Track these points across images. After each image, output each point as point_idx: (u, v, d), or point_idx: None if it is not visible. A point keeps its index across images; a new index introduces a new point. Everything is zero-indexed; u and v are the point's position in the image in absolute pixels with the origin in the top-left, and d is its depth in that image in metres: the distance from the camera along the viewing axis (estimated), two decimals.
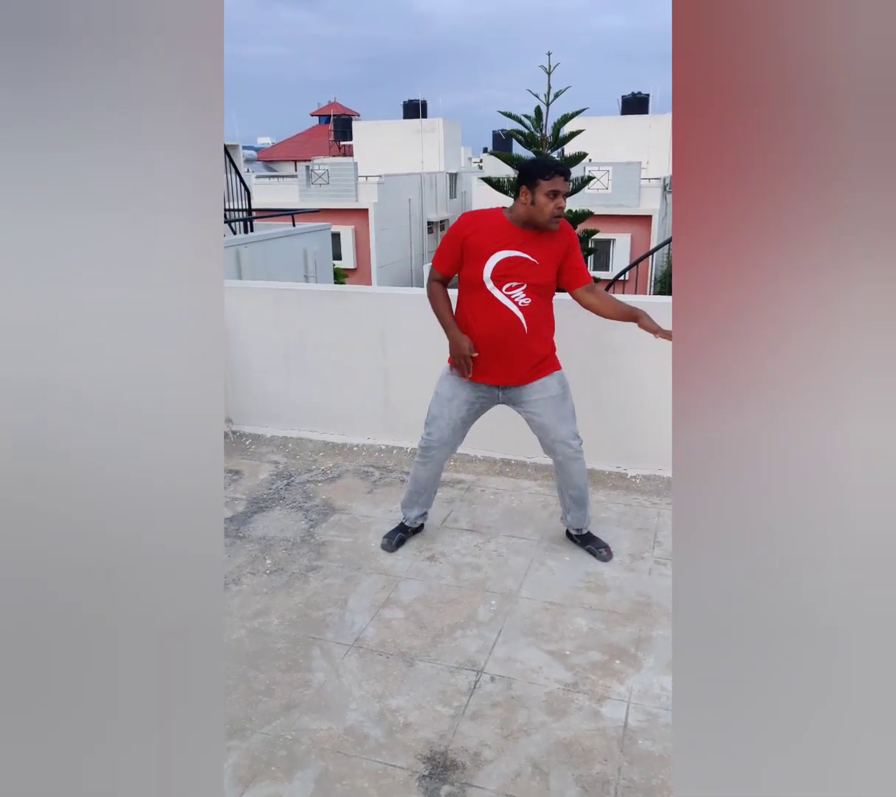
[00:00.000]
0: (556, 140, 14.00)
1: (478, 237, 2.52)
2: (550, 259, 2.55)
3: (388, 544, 2.92)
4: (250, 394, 4.12)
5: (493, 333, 2.56)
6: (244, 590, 2.66)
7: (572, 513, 2.87)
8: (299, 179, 20.77)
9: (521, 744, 1.94)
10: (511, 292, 2.52)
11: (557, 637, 2.37)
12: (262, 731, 1.99)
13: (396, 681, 2.18)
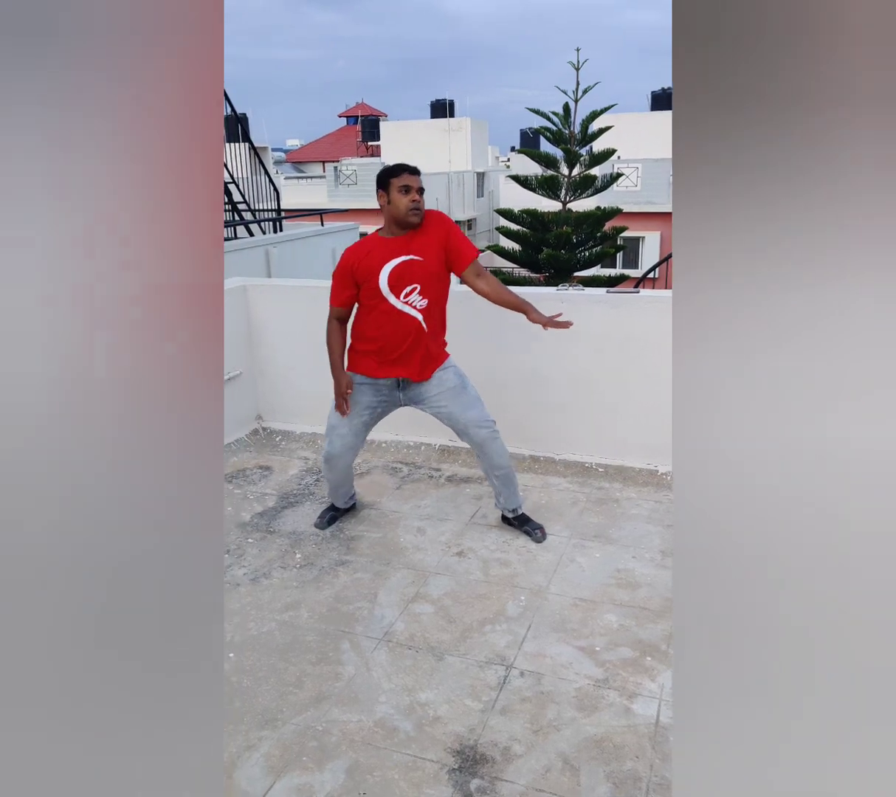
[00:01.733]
0: (585, 137, 13.91)
1: (364, 262, 2.67)
2: (433, 250, 2.65)
3: (320, 523, 3.10)
4: (280, 390, 4.16)
5: (397, 340, 2.70)
6: (274, 584, 2.68)
7: (503, 495, 2.95)
8: (327, 180, 20.94)
9: (551, 740, 1.93)
10: (408, 298, 2.66)
11: (587, 633, 2.35)
12: (294, 722, 2.01)
13: (426, 675, 2.18)
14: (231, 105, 7.95)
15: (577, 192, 14.18)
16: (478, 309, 3.60)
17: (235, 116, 8.53)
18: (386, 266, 2.64)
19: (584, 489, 3.37)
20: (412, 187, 2.58)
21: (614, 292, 3.49)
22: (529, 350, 3.56)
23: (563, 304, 3.48)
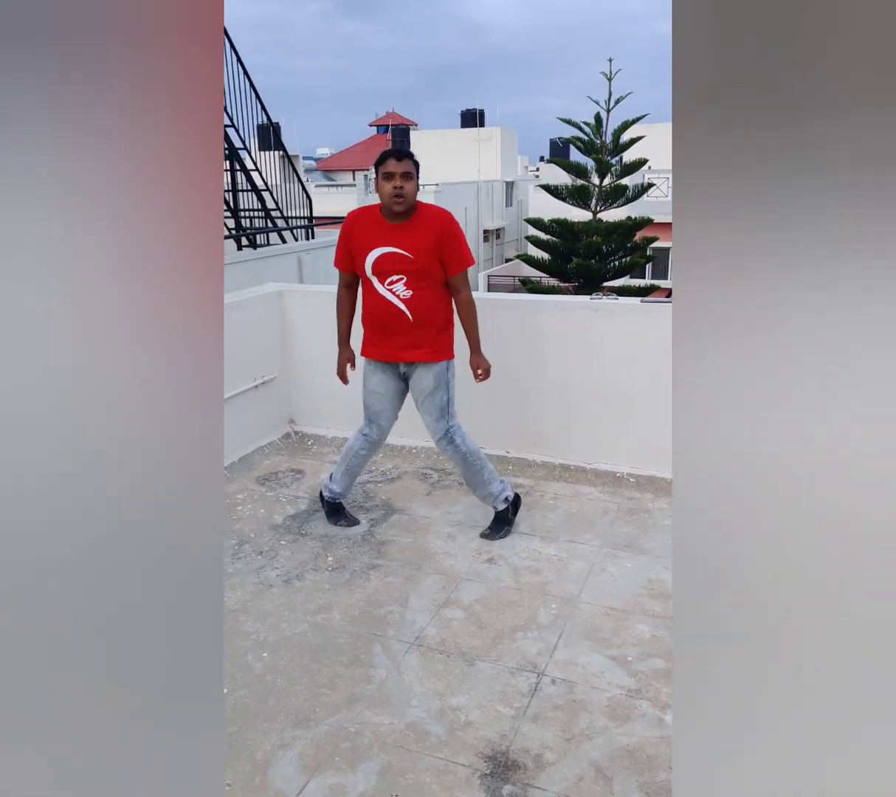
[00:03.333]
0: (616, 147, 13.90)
1: (358, 234, 2.73)
2: (426, 251, 2.67)
3: (353, 521, 3.17)
4: (312, 395, 4.20)
5: (381, 322, 2.79)
6: (307, 586, 2.71)
7: (475, 494, 3.07)
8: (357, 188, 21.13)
9: (583, 748, 1.92)
10: (392, 286, 2.71)
11: (619, 643, 2.34)
12: (327, 723, 2.03)
13: (457, 680, 2.19)
14: (266, 113, 8.08)
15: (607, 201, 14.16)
16: (508, 317, 3.62)
17: (270, 125, 8.67)
18: (373, 252, 2.69)
19: (615, 499, 3.36)
20: (394, 174, 2.57)
21: (648, 301, 3.48)
22: (562, 358, 3.57)
23: (596, 312, 3.50)
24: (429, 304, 2.76)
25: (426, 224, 2.68)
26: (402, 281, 2.70)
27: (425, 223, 2.69)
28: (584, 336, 3.51)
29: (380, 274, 2.71)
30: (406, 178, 2.58)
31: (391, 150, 2.65)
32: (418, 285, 2.71)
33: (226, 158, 7.35)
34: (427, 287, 2.73)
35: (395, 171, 2.58)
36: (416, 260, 2.67)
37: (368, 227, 2.72)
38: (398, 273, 2.70)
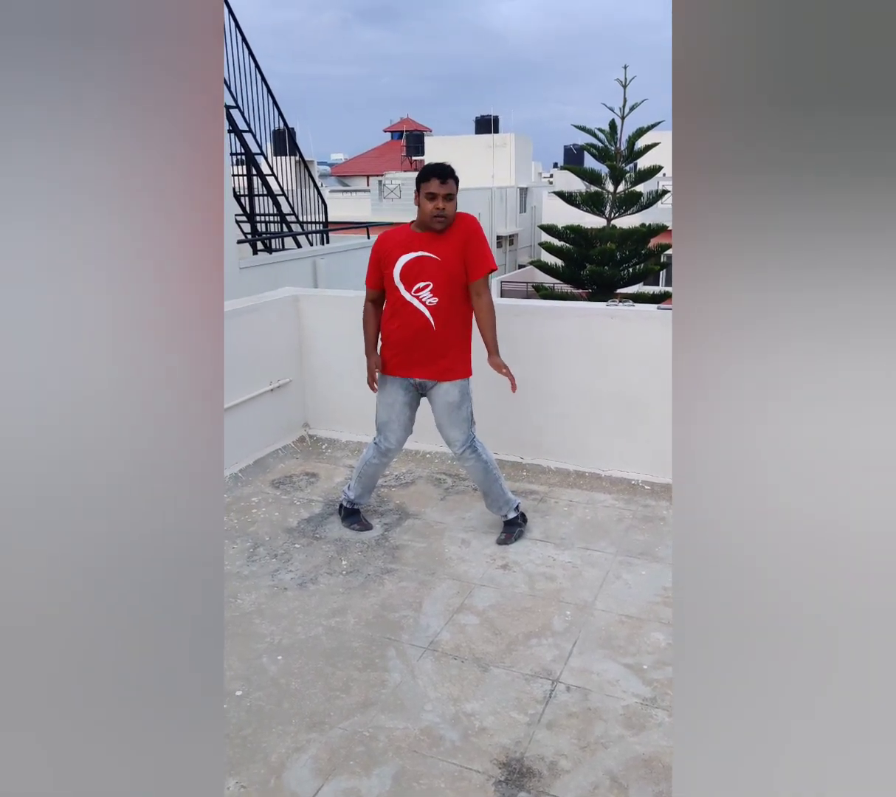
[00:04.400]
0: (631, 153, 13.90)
1: (389, 249, 2.82)
2: (453, 254, 2.73)
3: (366, 526, 3.18)
4: (327, 399, 4.22)
5: (405, 330, 2.82)
6: (321, 590, 2.71)
7: (486, 503, 3.10)
8: (371, 194, 21.22)
9: (598, 757, 1.91)
10: (419, 293, 2.76)
11: (634, 651, 2.33)
12: (341, 726, 2.03)
13: (471, 686, 2.19)
14: (283, 118, 8.13)
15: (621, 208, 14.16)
16: (528, 323, 3.63)
17: (287, 130, 8.73)
18: (403, 257, 2.76)
19: (630, 506, 3.35)
20: (437, 195, 2.64)
21: (665, 308, 3.48)
22: (578, 365, 3.56)
23: (612, 319, 3.49)
24: (452, 314, 2.80)
25: (455, 229, 2.75)
26: (428, 288, 2.75)
27: (454, 228, 2.75)
28: (600, 343, 3.51)
29: (406, 279, 2.76)
30: (448, 200, 2.66)
31: (436, 168, 2.67)
32: (444, 291, 2.75)
33: (243, 163, 7.40)
34: (453, 295, 2.77)
35: (438, 192, 2.64)
36: (445, 263, 2.73)
37: (399, 241, 2.80)
38: (425, 279, 2.74)
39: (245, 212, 7.48)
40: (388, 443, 3.03)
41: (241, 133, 7.20)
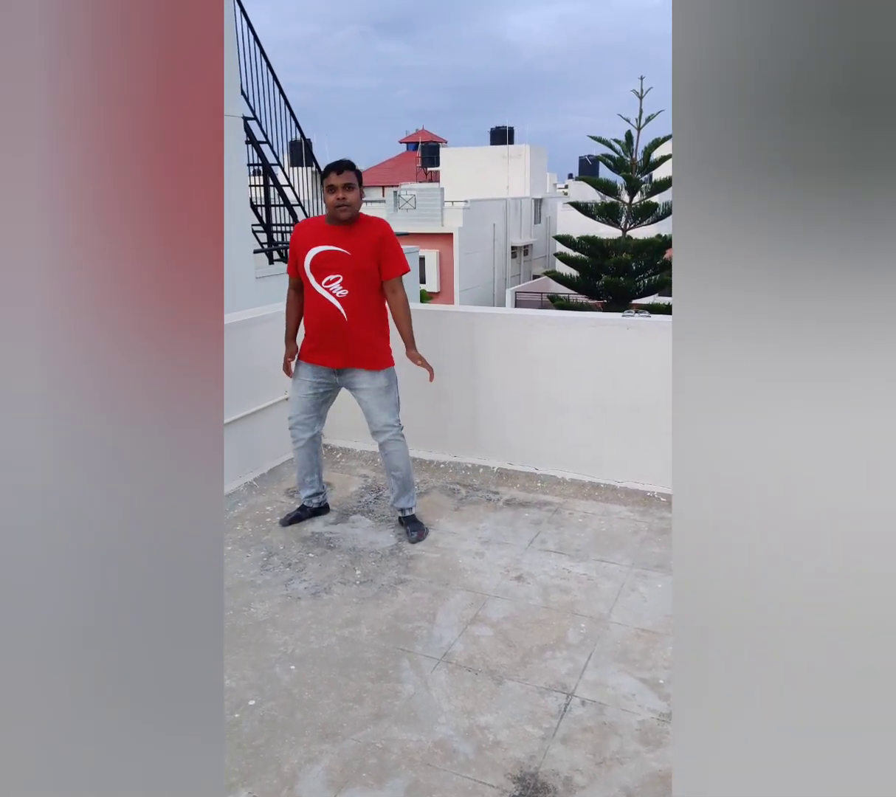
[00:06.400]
0: (647, 164, 13.91)
1: (302, 239, 2.95)
2: (363, 249, 2.87)
3: (283, 519, 3.32)
4: (341, 408, 4.22)
5: (318, 321, 2.96)
6: (335, 599, 2.71)
7: (395, 493, 3.22)
8: (387, 204, 21.35)
9: (614, 773, 1.89)
10: (329, 285, 2.90)
11: (650, 665, 2.31)
12: (354, 738, 2.02)
13: (485, 699, 2.17)
14: (300, 130, 8.22)
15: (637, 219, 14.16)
16: (539, 334, 3.62)
17: (304, 141, 8.81)
18: (312, 249, 2.89)
19: (645, 518, 3.32)
20: (336, 186, 2.80)
21: None
22: (593, 376, 3.55)
23: (628, 330, 3.48)
24: (364, 305, 2.93)
25: (366, 229, 2.91)
26: (338, 280, 2.88)
27: (365, 228, 2.91)
28: (616, 354, 3.50)
29: (317, 271, 2.89)
30: (347, 189, 2.81)
31: (333, 164, 2.84)
32: (354, 284, 2.88)
33: (260, 174, 7.48)
34: (363, 289, 2.92)
35: (337, 183, 2.80)
36: (355, 257, 2.86)
37: (311, 231, 2.95)
38: (335, 271, 2.87)
39: (262, 222, 7.54)
40: (290, 420, 3.17)
41: (258, 144, 7.27)
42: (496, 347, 3.75)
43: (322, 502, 3.40)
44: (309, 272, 2.91)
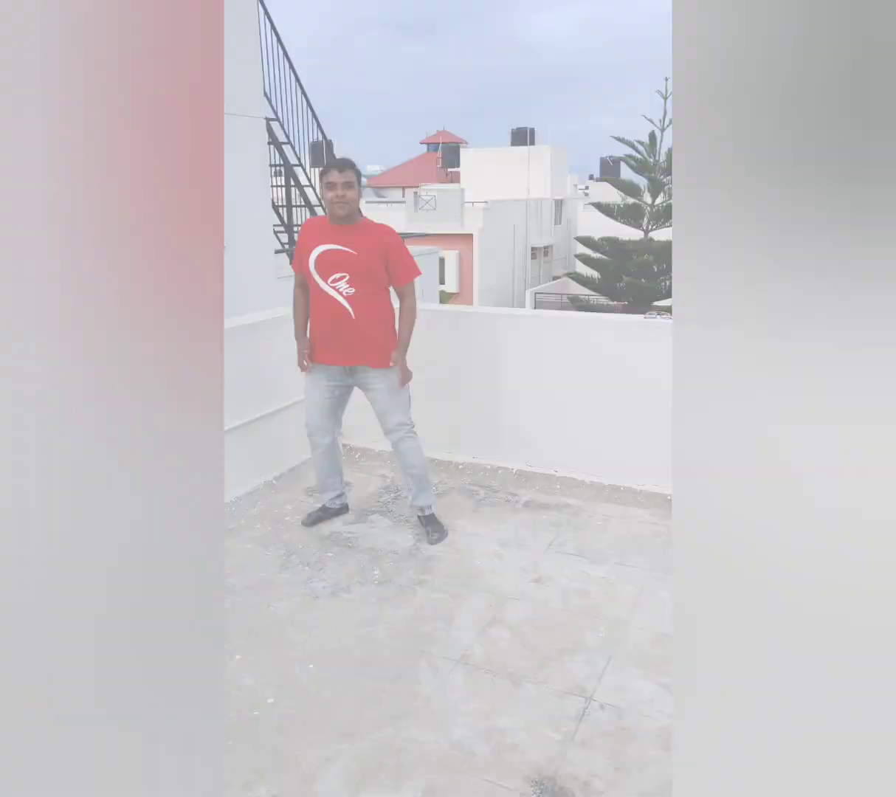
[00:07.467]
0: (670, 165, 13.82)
1: (307, 238, 2.97)
2: (368, 250, 2.88)
3: (306, 519, 3.32)
4: (360, 408, 4.23)
5: (325, 319, 2.97)
6: (354, 599, 2.71)
7: (413, 492, 3.22)
8: (407, 205, 21.38)
9: (633, 778, 1.88)
10: (336, 284, 2.90)
11: (670, 670, 2.29)
12: (371, 738, 2.02)
13: (503, 701, 2.16)
14: (322, 131, 8.26)
15: (659, 220, 14.07)
16: (553, 335, 3.61)
17: (324, 141, 8.85)
18: (316, 248, 2.90)
19: (665, 522, 3.29)
20: (336, 183, 2.81)
21: None
22: (612, 378, 3.53)
23: (650, 332, 3.46)
24: (371, 303, 2.94)
25: (371, 231, 2.93)
26: (344, 279, 2.88)
27: (371, 230, 2.93)
28: (637, 355, 3.48)
29: (323, 271, 2.89)
30: (347, 187, 2.82)
31: (335, 162, 2.86)
32: (360, 283, 2.89)
33: (281, 174, 7.52)
34: (369, 287, 2.92)
35: (336, 181, 2.81)
36: (360, 257, 2.86)
37: (316, 230, 2.96)
38: (340, 270, 2.88)
39: (283, 222, 7.58)
40: (307, 427, 3.17)
41: (280, 145, 7.32)
42: (517, 348, 3.74)
43: (343, 503, 3.42)
44: (314, 271, 2.91)
